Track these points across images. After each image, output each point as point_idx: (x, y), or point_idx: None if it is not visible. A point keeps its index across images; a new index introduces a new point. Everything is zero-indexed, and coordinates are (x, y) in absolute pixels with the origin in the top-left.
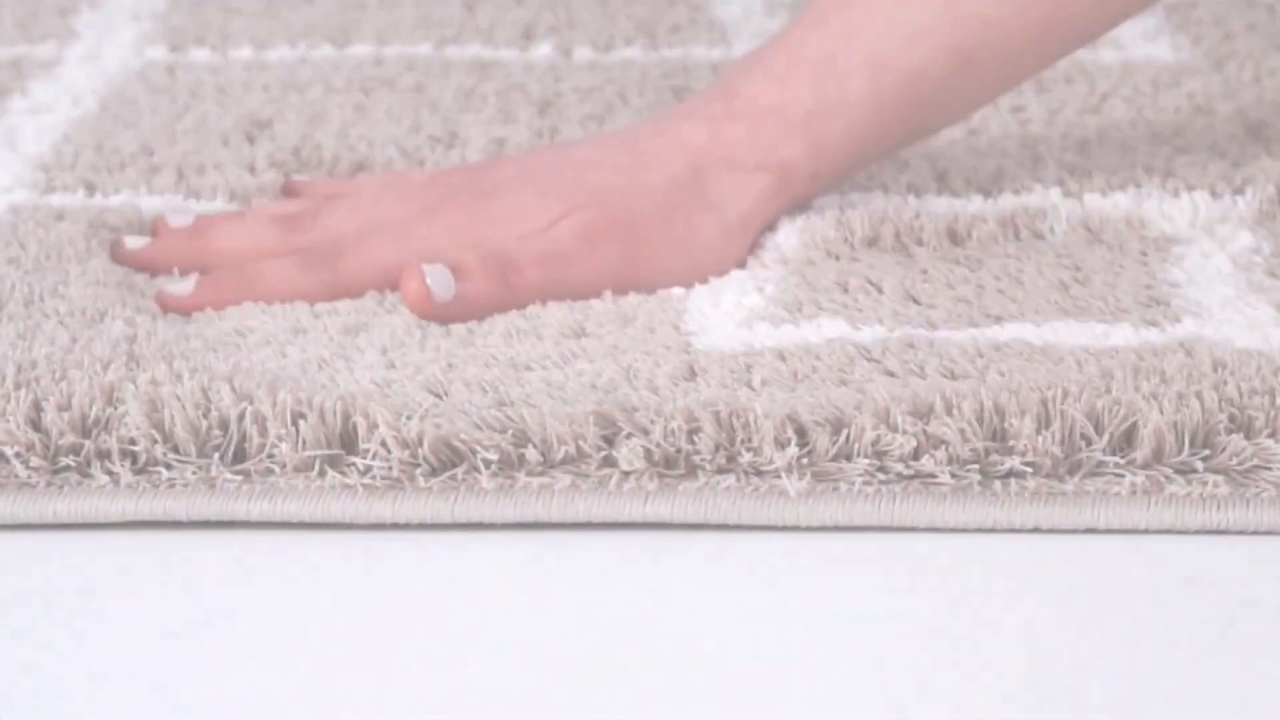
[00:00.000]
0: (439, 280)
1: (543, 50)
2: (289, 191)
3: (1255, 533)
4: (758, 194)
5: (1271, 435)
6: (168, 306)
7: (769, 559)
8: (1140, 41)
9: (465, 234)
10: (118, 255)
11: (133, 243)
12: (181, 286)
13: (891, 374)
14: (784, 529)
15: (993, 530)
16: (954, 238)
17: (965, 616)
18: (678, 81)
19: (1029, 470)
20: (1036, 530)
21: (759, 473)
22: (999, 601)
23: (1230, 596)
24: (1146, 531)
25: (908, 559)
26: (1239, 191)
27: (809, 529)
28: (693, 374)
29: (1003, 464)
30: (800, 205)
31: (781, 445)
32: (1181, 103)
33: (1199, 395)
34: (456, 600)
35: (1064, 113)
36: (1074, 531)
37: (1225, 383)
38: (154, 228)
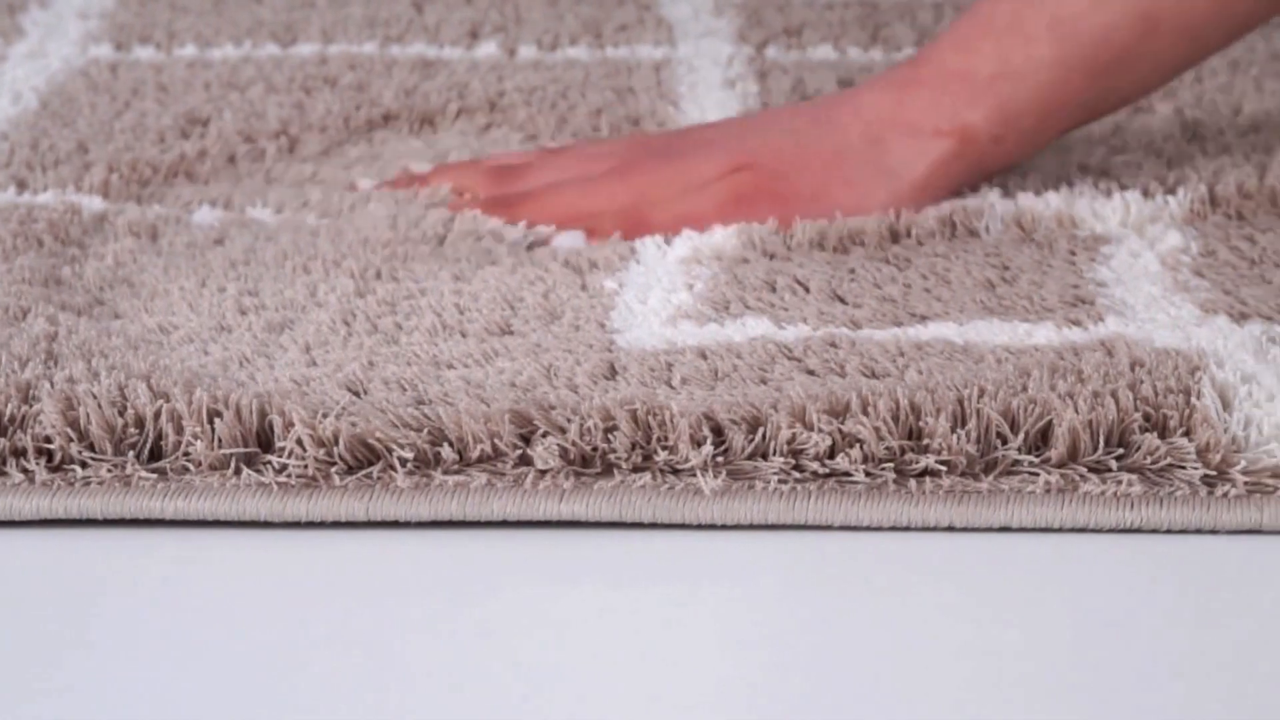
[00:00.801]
0: (571, 244)
1: (488, 49)
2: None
3: (1169, 531)
4: (935, 159)
5: (1186, 434)
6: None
7: (684, 558)
8: None
9: (643, 190)
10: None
11: (364, 183)
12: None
13: (812, 373)
14: (699, 527)
15: (907, 529)
16: (895, 237)
17: (877, 615)
18: (620, 81)
19: (943, 469)
20: (950, 529)
21: (675, 471)
22: (912, 600)
23: (1142, 595)
24: (1060, 530)
25: (822, 558)
26: (1171, 191)
27: (724, 527)
28: (613, 372)
29: (917, 462)
30: (985, 174)
31: (697, 444)
32: None
33: (1114, 394)
34: (371, 598)
35: None
36: (988, 530)
37: (1141, 382)
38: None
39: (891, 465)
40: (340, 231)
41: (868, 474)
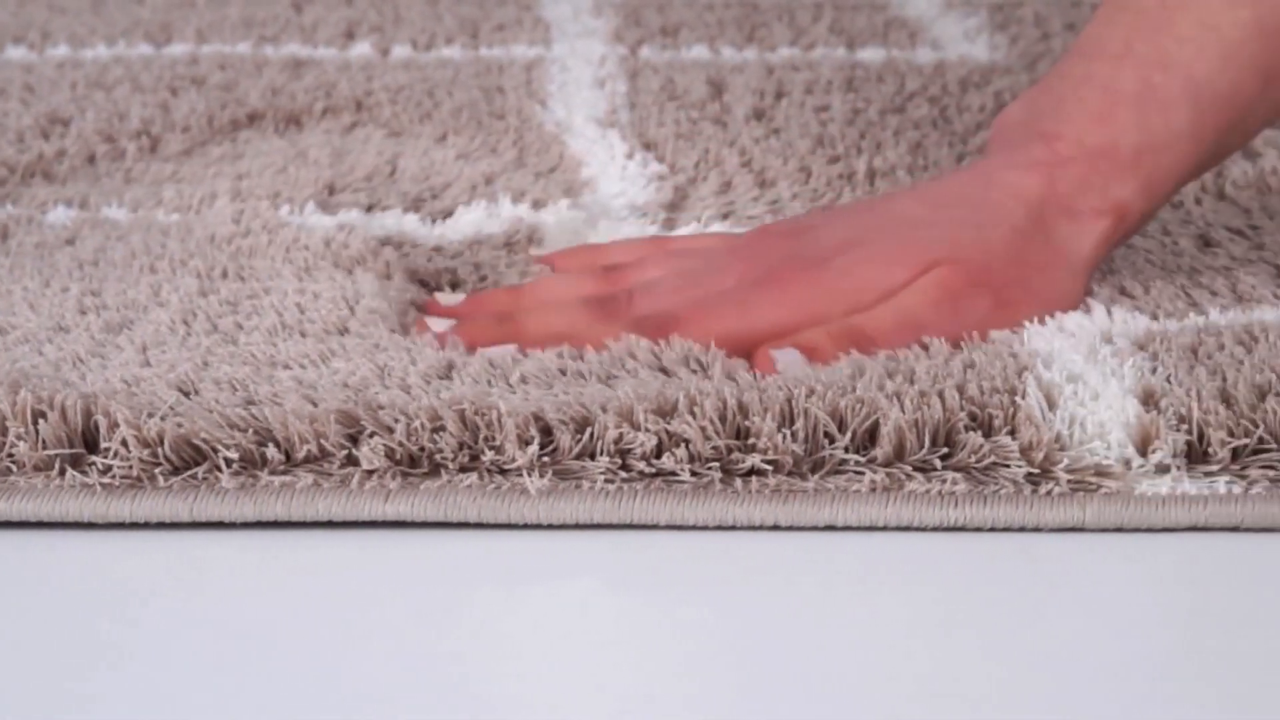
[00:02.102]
0: (791, 364)
1: (361, 49)
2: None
3: (993, 529)
4: (1098, 238)
5: (1010, 433)
6: (436, 342)
7: (509, 557)
8: (960, 41)
9: (808, 307)
10: (430, 309)
11: (437, 325)
12: (440, 324)
13: (665, 371)
14: (525, 527)
15: (733, 528)
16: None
17: (702, 614)
18: (490, 80)
19: (770, 468)
20: (776, 528)
21: (501, 471)
22: (737, 599)
23: (966, 594)
24: (885, 529)
25: (648, 557)
26: None
27: (550, 527)
28: (449, 372)
29: (743, 462)
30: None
31: (525, 444)
32: (987, 102)
33: (941, 394)
34: (194, 599)
35: (867, 113)
36: (814, 529)
37: (969, 382)
38: (464, 306)
39: (718, 464)
40: (190, 230)
41: (693, 473)
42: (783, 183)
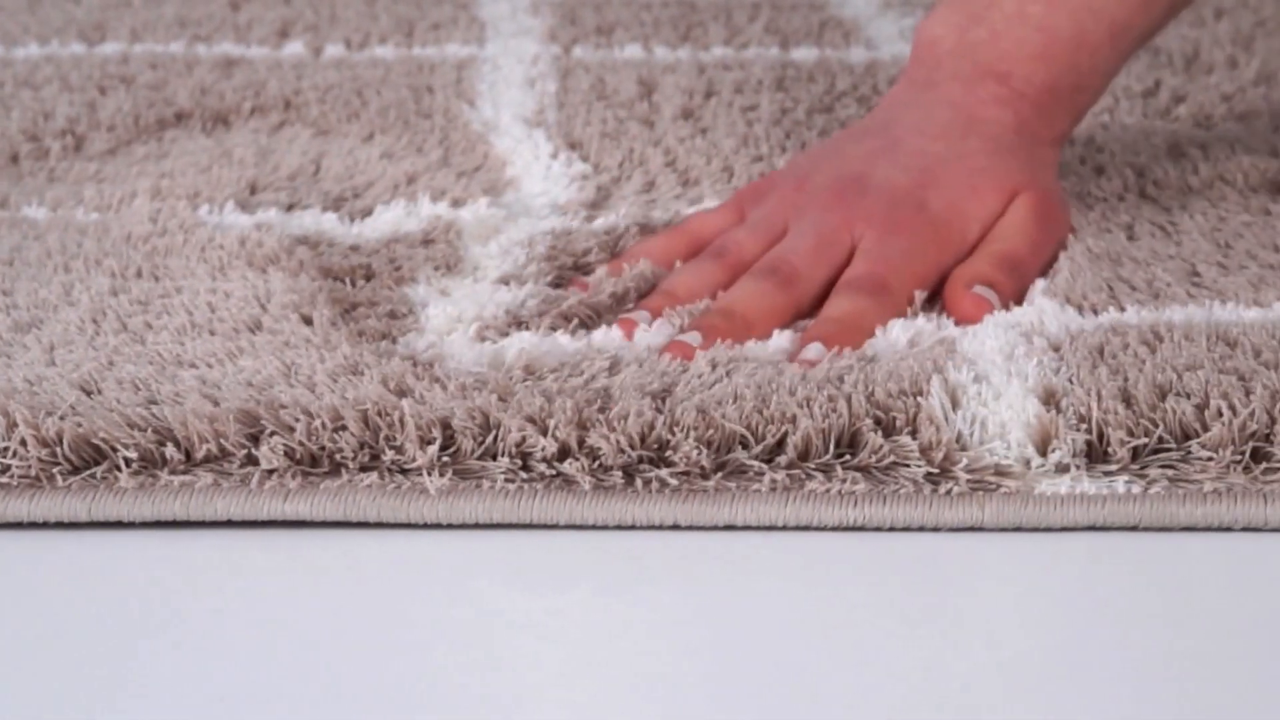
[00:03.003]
0: (986, 304)
1: (294, 48)
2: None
3: (892, 529)
4: (1054, 166)
5: (912, 434)
6: (680, 354)
7: (408, 557)
8: (895, 40)
9: (936, 253)
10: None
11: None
12: (692, 339)
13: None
14: (425, 527)
15: (633, 527)
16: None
17: (599, 613)
18: (419, 79)
19: (675, 481)
20: (676, 527)
21: (403, 471)
22: (636, 598)
23: (865, 592)
24: (785, 528)
25: (547, 557)
26: None
27: (450, 527)
28: (357, 371)
29: (652, 473)
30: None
31: (427, 444)
32: None
33: (848, 399)
34: (92, 599)
35: (794, 112)
36: (714, 528)
37: (877, 384)
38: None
39: (620, 473)
40: (107, 229)
41: (595, 477)
42: (705, 182)
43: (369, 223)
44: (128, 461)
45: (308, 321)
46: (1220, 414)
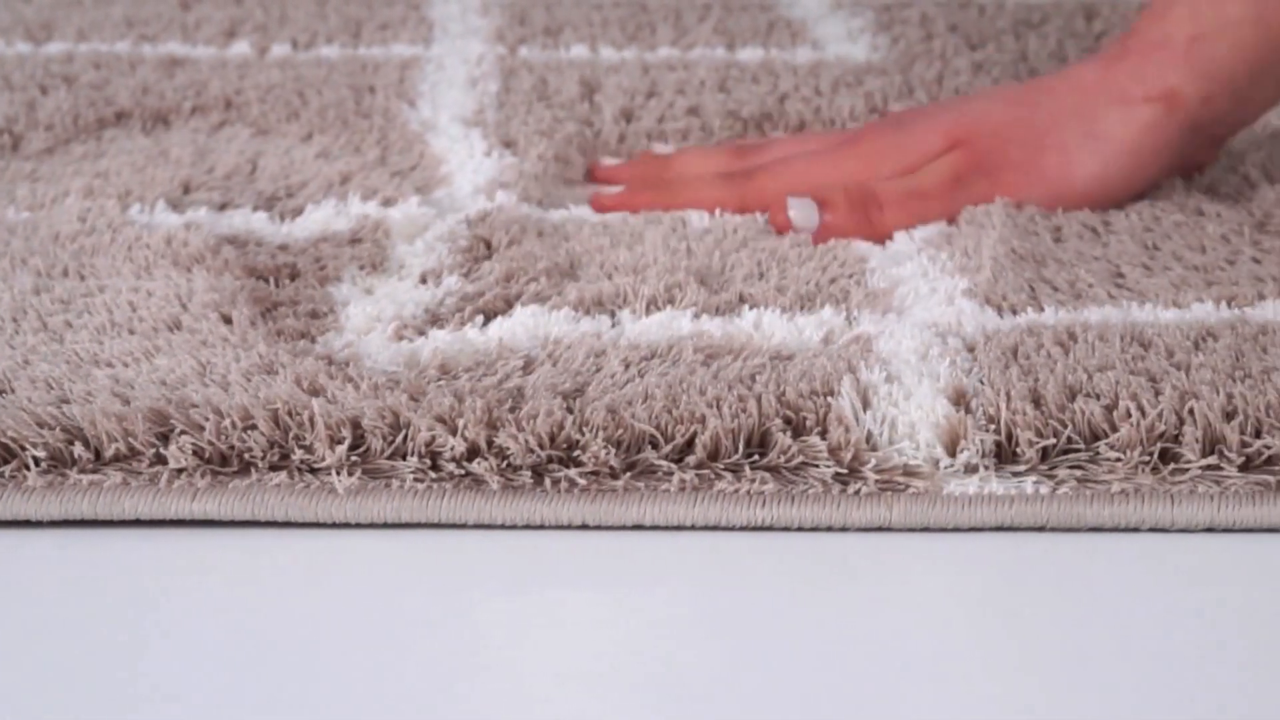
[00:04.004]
0: (803, 212)
1: (240, 48)
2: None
3: (800, 529)
4: (1144, 124)
5: (821, 434)
6: (601, 207)
7: (317, 556)
8: (842, 41)
9: (863, 163)
10: (595, 172)
11: (608, 162)
12: (611, 190)
13: (501, 380)
14: (333, 526)
15: (541, 527)
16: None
17: (504, 613)
18: (362, 80)
19: (584, 481)
20: (585, 527)
21: (312, 470)
22: (542, 598)
23: (771, 591)
24: (693, 528)
25: (455, 556)
26: None
27: (359, 526)
28: (272, 370)
29: (561, 473)
30: (1206, 135)
31: (337, 443)
32: (857, 103)
33: (758, 399)
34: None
35: (740, 113)
36: (622, 528)
37: (788, 384)
38: (625, 170)
39: (529, 473)
40: (35, 228)
41: (504, 477)
42: None
43: (299, 222)
44: (36, 460)
45: (227, 320)
46: (1129, 415)
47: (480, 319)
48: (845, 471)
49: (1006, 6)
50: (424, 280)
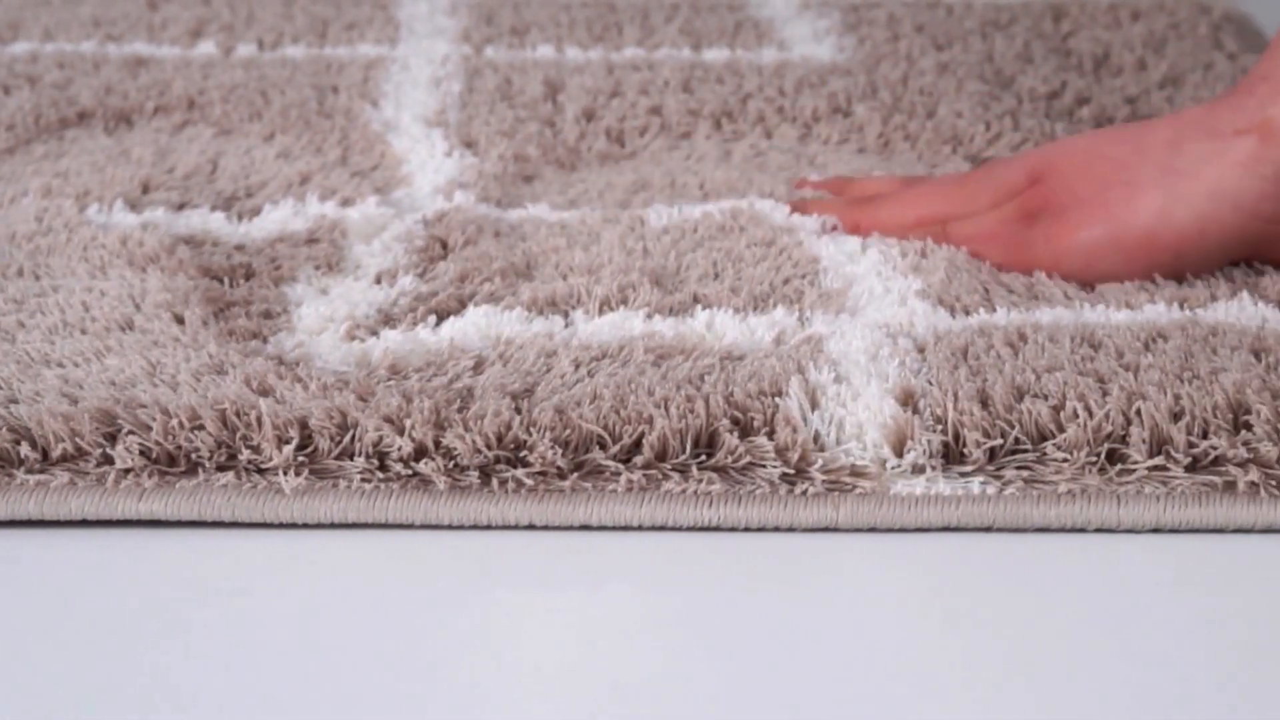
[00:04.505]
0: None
1: (205, 48)
2: None
3: (747, 529)
4: (1234, 159)
5: (769, 434)
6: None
7: (261, 556)
8: (808, 41)
9: (947, 201)
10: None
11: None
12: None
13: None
14: (280, 526)
15: (489, 527)
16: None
17: (451, 613)
18: (325, 80)
19: (532, 481)
20: (531, 527)
21: (260, 470)
22: (487, 598)
23: (717, 591)
24: (641, 528)
25: (402, 556)
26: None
27: (306, 526)
28: (222, 371)
29: (508, 473)
30: None
31: (284, 443)
32: (820, 103)
33: (706, 399)
34: None
35: (701, 113)
36: (569, 528)
37: (735, 385)
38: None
39: (476, 474)
40: None
41: (450, 478)
42: (592, 176)
43: (256, 222)
44: None
45: (179, 321)
46: (1076, 416)
47: (433, 319)
48: (792, 472)
49: (975, 7)
50: (379, 280)
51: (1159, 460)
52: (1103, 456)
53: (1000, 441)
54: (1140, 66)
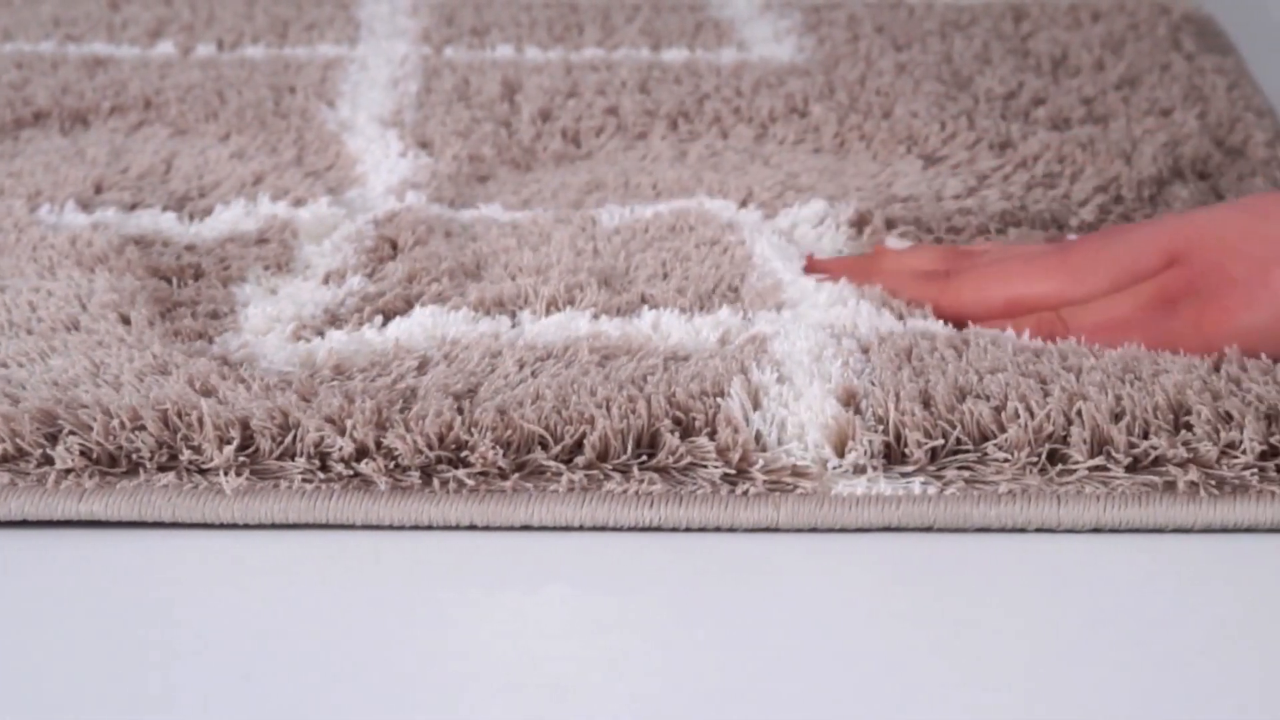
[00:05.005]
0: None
1: (164, 48)
2: None
3: (688, 530)
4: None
5: (710, 435)
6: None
7: (202, 556)
8: (768, 42)
9: (1068, 277)
10: (809, 264)
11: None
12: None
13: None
14: (221, 526)
15: (430, 528)
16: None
17: (394, 613)
18: (283, 80)
19: (473, 482)
20: (473, 527)
21: (201, 471)
22: (429, 598)
23: (660, 592)
24: (581, 529)
25: (341, 557)
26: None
27: (247, 527)
28: (166, 371)
29: (449, 473)
30: None
31: (226, 444)
32: (777, 103)
33: (648, 400)
34: None
35: (658, 114)
36: (511, 529)
37: (678, 385)
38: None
39: (418, 474)
40: None
41: (392, 478)
42: (545, 178)
43: (208, 222)
44: None
45: (125, 321)
46: (1017, 415)
47: (380, 319)
48: (733, 472)
49: (936, 8)
50: (327, 281)
51: (1099, 460)
52: (1043, 457)
53: (941, 442)
54: (1098, 67)
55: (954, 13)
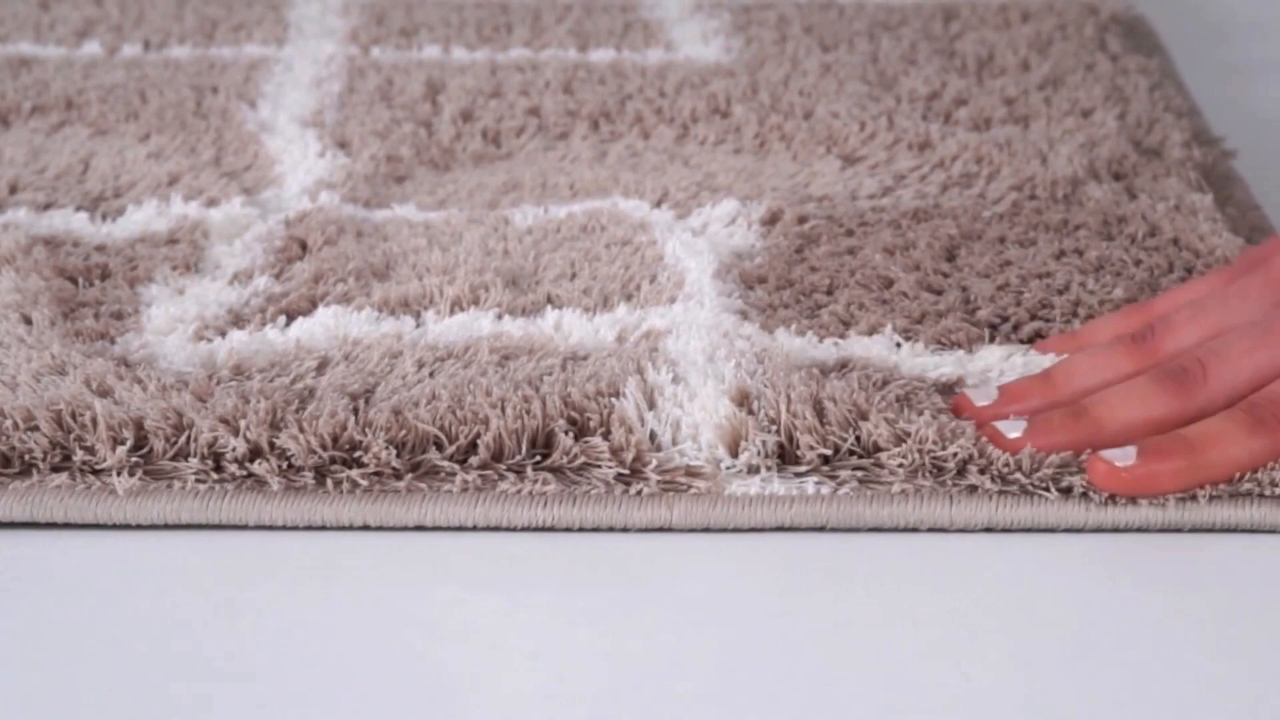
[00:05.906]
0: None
1: (90, 48)
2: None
3: (582, 530)
4: None
5: (605, 435)
6: (1001, 446)
7: (94, 557)
8: (695, 42)
9: (1258, 310)
10: (961, 407)
11: (980, 399)
12: (1012, 427)
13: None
14: (114, 527)
15: (323, 528)
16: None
17: (284, 614)
18: (205, 81)
19: (366, 482)
20: (366, 528)
21: (95, 471)
22: (327, 596)
23: (552, 593)
24: (475, 529)
25: (235, 557)
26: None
27: (139, 527)
28: (63, 371)
29: (343, 474)
30: None
31: (119, 444)
32: (700, 104)
33: (543, 400)
34: None
35: (580, 114)
36: (404, 529)
37: (573, 386)
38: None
39: (312, 474)
40: None
41: (285, 478)
42: (463, 178)
43: (119, 222)
44: None
45: (27, 321)
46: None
47: (283, 320)
48: (627, 472)
49: (866, 8)
50: (234, 281)
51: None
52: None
53: (833, 451)
54: (1023, 67)
55: (884, 13)
